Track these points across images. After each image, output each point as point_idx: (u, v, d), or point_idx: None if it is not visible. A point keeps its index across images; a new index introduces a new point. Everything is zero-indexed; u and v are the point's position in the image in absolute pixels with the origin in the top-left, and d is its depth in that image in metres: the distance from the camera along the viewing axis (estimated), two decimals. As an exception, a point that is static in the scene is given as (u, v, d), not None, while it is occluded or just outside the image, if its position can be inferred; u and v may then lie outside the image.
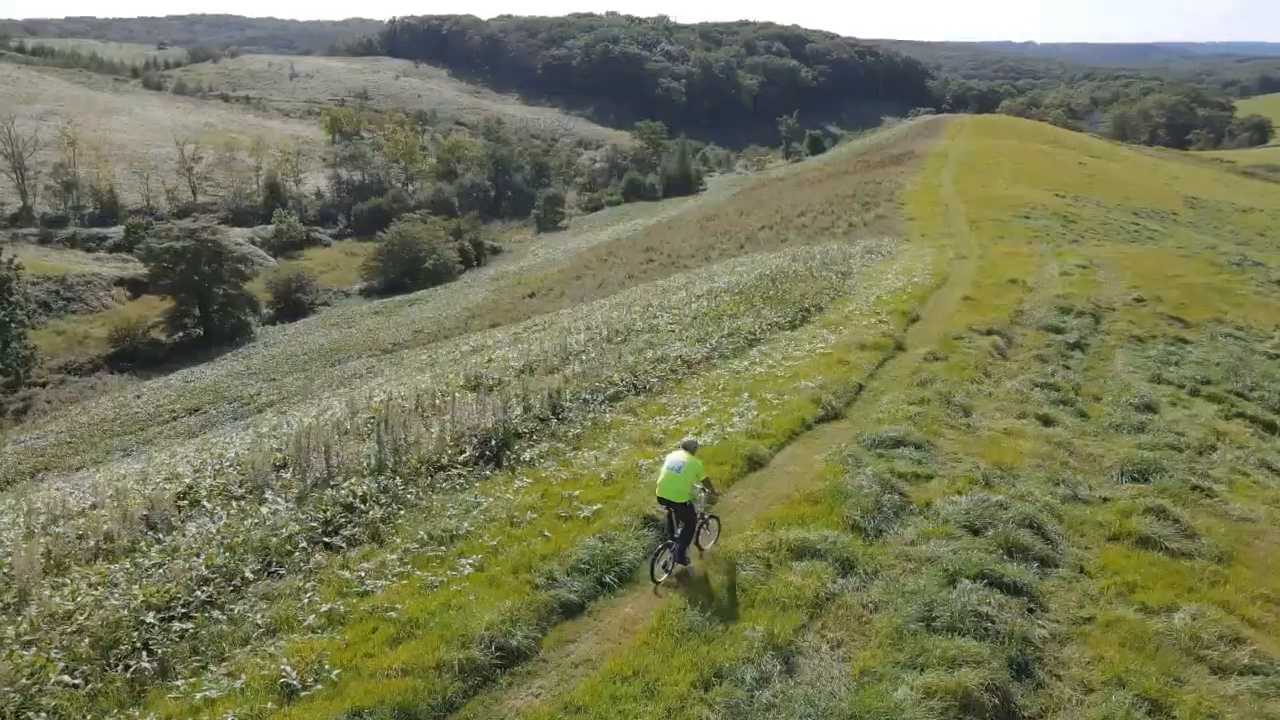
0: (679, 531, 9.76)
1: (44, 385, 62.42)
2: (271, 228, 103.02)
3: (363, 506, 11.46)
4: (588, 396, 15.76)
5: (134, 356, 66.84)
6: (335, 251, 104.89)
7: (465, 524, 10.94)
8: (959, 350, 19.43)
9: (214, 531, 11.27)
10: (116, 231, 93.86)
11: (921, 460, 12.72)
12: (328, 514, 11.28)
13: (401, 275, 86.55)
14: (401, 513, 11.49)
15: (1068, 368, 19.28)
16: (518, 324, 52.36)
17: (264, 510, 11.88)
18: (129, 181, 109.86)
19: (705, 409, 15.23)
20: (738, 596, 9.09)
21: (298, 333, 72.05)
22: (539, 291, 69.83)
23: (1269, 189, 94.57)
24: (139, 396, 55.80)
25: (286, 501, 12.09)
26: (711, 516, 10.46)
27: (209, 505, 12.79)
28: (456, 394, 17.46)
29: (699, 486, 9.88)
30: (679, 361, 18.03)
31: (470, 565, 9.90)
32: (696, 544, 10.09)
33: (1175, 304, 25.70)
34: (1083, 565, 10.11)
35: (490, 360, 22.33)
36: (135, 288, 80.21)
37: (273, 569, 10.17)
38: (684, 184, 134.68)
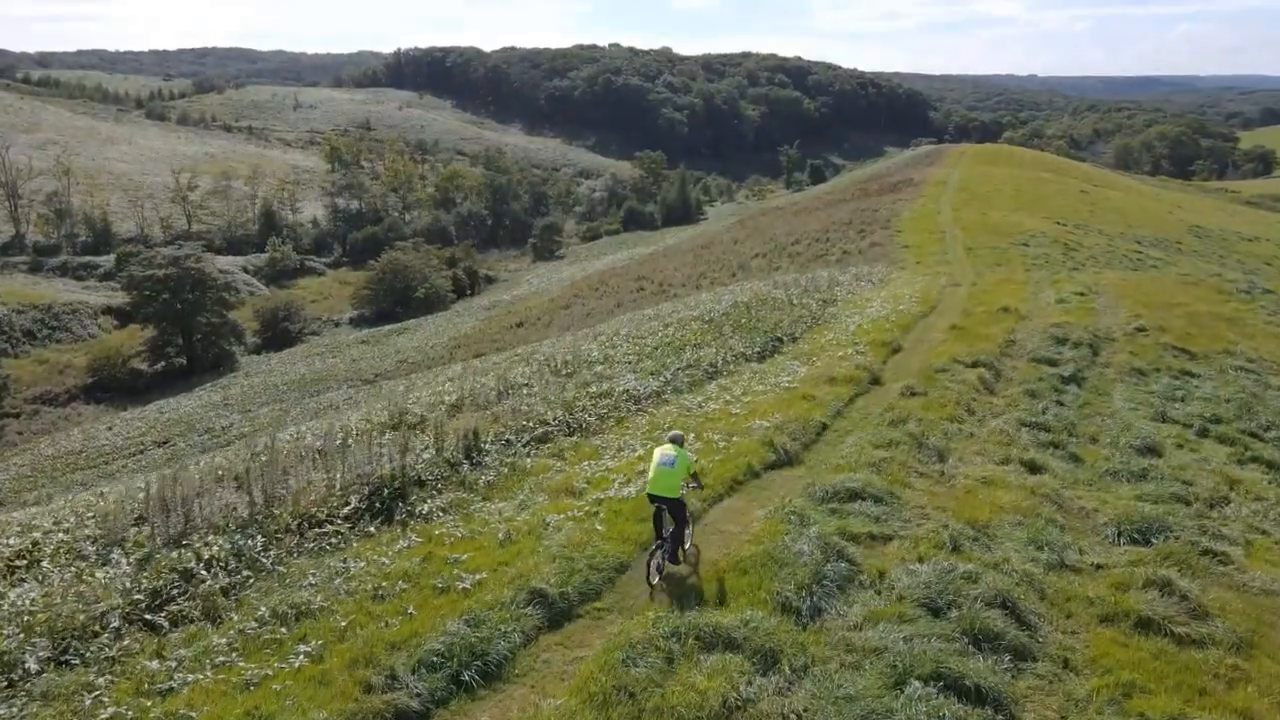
0: (670, 531, 9.55)
1: (17, 416, 60.87)
2: (265, 256, 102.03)
3: (206, 574, 9.57)
4: (511, 437, 13.87)
5: (113, 386, 65.36)
6: (329, 280, 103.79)
7: (320, 597, 9.03)
8: (940, 384, 17.53)
9: (28, 603, 9.40)
10: (108, 260, 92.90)
11: (881, 517, 10.76)
12: (161, 582, 9.40)
13: (392, 304, 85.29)
14: (252, 581, 9.59)
15: (1061, 404, 17.35)
16: (500, 354, 50.68)
17: (99, 575, 10.02)
18: (124, 210, 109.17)
19: (642, 451, 13.33)
20: (623, 704, 7.14)
21: (282, 362, 70.56)
22: (527, 321, 68.27)
23: (1274, 219, 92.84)
24: (110, 428, 54.17)
25: (129, 564, 10.22)
26: (691, 515, 10.27)
27: (49, 567, 10.93)
28: (375, 433, 15.61)
29: (686, 481, 9.64)
30: (625, 397, 16.14)
31: (306, 654, 7.99)
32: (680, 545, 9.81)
33: (1180, 334, 23.78)
34: (1067, 658, 8.12)
35: (435, 392, 20.49)
36: (123, 316, 78.95)
37: (68, 656, 8.27)
38: (684, 213, 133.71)
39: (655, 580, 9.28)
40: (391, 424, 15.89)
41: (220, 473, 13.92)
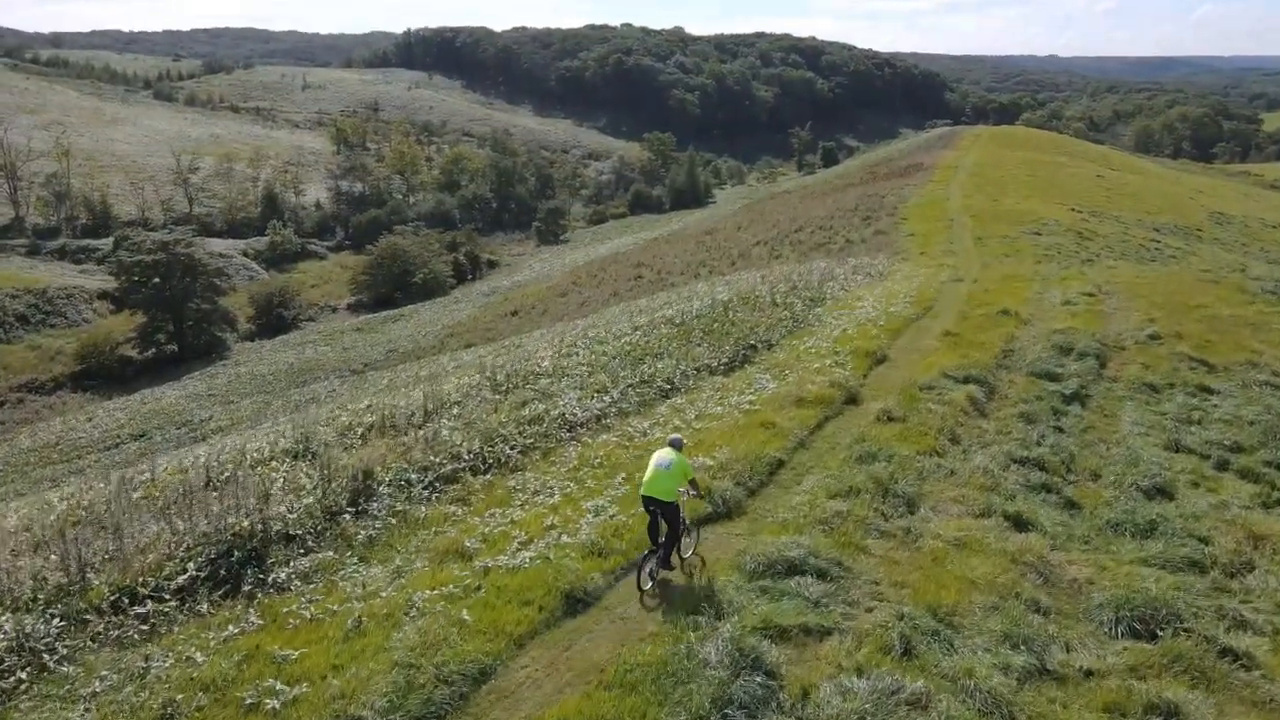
0: (664, 536, 9.48)
1: (1, 404, 59.65)
2: (266, 239, 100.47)
3: (-31, 675, 7.70)
4: (414, 475, 11.91)
5: (101, 374, 64.05)
6: (330, 264, 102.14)
7: (93, 716, 7.15)
8: (923, 406, 15.45)
9: None
10: (107, 243, 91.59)
11: (822, 599, 8.76)
12: (-91, 688, 7.55)
13: (391, 290, 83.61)
14: (25, 686, 7.72)
15: (1060, 429, 15.25)
16: (489, 345, 48.85)
17: None
18: (125, 192, 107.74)
19: (560, 498, 11.36)
20: None
21: (273, 350, 69.17)
22: (522, 309, 66.51)
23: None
24: (90, 420, 52.80)
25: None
26: (693, 524, 10.26)
27: None
28: (278, 461, 13.74)
29: (684, 489, 9.51)
30: (559, 422, 14.13)
31: (35, 813, 6.12)
32: (677, 551, 9.76)
33: (1198, 341, 21.53)
34: (1036, 835, 6.16)
35: (354, 411, 18.58)
36: (118, 301, 77.73)
37: None
38: (692, 197, 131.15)
39: (647, 586, 9.24)
40: (295, 451, 14.01)
41: (79, 514, 12.06)
